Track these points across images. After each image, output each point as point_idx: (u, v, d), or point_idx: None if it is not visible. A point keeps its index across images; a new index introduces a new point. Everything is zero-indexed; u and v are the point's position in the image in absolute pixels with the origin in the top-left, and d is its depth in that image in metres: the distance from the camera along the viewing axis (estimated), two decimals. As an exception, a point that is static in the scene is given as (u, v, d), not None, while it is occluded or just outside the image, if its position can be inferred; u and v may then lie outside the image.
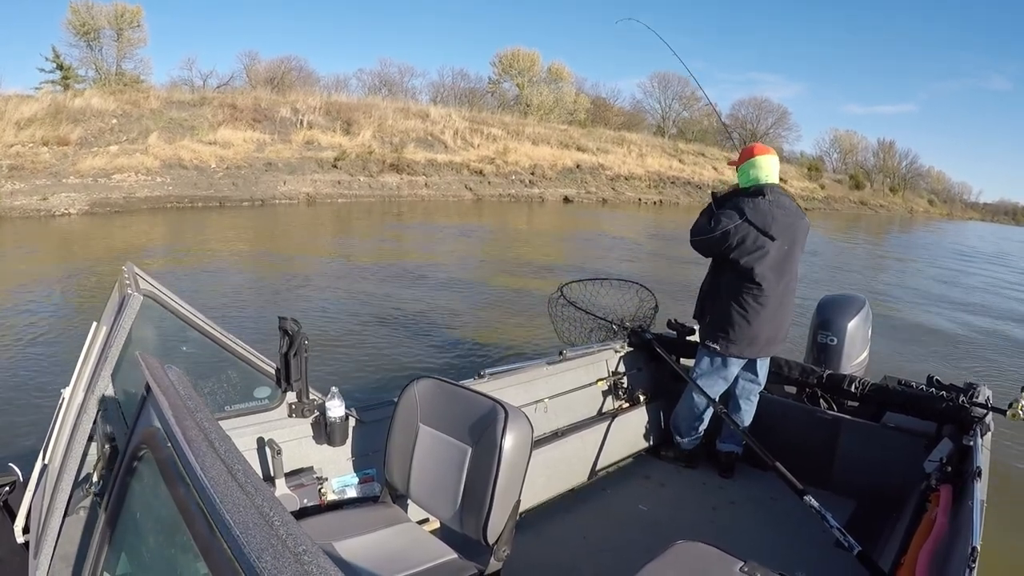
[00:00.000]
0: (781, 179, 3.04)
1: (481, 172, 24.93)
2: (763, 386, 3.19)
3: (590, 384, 3.28)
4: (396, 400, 2.06)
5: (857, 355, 3.49)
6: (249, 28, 68.48)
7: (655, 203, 29.37)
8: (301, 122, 22.25)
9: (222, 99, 22.54)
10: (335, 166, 20.87)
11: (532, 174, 26.55)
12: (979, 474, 2.06)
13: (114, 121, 17.94)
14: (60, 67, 24.29)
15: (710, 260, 3.12)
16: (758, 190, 2.90)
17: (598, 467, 3.15)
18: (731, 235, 2.87)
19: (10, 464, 1.84)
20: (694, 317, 3.30)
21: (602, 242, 15.75)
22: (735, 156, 3.16)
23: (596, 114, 40.95)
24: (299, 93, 26.44)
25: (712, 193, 3.13)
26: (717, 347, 3.02)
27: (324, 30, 72.62)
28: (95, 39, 26.54)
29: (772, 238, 2.85)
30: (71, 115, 17.15)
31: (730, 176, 3.20)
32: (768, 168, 2.95)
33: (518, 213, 21.23)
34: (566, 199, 26.48)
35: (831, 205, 40.09)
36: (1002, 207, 73.80)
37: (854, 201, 43.83)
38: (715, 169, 34.05)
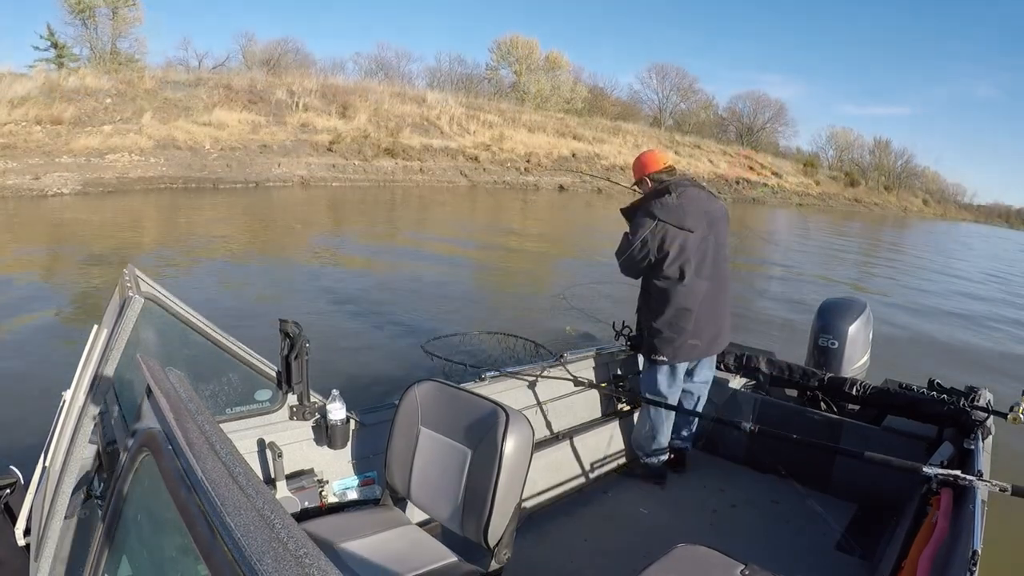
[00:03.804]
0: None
1: (476, 159, 24.80)
2: (711, 381, 3.20)
3: (591, 387, 3.28)
4: (397, 403, 2.06)
5: (858, 358, 3.49)
6: (245, 8, 67.70)
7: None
8: (296, 104, 22.07)
9: (217, 80, 22.34)
10: (330, 149, 20.71)
11: (527, 162, 26.37)
12: (980, 478, 2.06)
13: (108, 100, 17.78)
14: (55, 45, 24.08)
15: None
16: (663, 189, 2.86)
17: (599, 470, 3.15)
18: (649, 240, 2.80)
19: (11, 466, 1.84)
20: (636, 332, 3.23)
21: (596, 230, 15.81)
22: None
23: (593, 104, 40.65)
24: (295, 75, 26.19)
25: (621, 210, 3.03)
26: (664, 357, 2.94)
27: (321, 12, 72.06)
28: (90, 17, 26.26)
29: (690, 231, 2.79)
30: (65, 94, 16.96)
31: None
32: (661, 163, 2.95)
33: (513, 200, 21.16)
34: (561, 187, 26.32)
35: (826, 201, 39.99)
36: (996, 209, 73.92)
37: (848, 198, 43.76)
38: (711, 162, 33.86)
